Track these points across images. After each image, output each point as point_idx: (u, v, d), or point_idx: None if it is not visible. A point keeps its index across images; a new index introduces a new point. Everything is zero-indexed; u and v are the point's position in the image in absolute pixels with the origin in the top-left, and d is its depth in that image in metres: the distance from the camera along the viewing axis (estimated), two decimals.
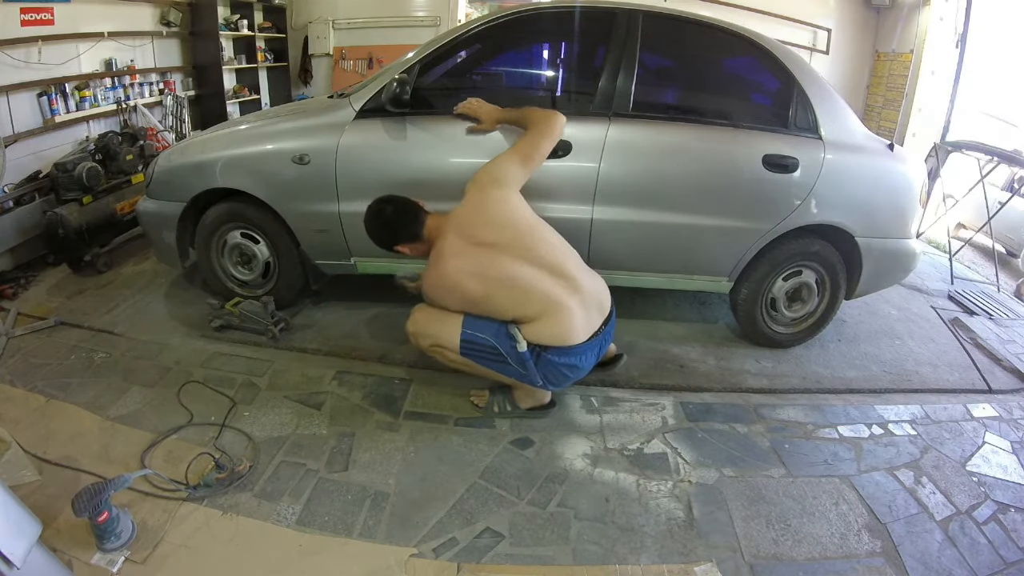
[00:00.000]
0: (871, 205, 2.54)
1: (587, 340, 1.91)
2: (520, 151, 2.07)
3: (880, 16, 6.60)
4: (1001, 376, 2.74)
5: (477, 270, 1.86)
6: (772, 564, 1.62)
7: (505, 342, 1.88)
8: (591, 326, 1.93)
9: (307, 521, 1.65)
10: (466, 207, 1.98)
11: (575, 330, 1.88)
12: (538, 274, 1.88)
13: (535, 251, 1.91)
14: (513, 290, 1.86)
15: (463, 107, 2.29)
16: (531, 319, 1.87)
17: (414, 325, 2.00)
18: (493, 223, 1.92)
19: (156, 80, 4.85)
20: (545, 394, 2.13)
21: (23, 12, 3.44)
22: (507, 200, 1.97)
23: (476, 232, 1.90)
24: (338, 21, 6.56)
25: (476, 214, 1.95)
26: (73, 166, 3.16)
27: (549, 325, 1.86)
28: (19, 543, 1.16)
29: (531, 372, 1.89)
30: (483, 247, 1.88)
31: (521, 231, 1.94)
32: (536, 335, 1.86)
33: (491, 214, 1.94)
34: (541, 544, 1.64)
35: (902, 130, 6.16)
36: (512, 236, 1.91)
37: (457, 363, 1.99)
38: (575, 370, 1.93)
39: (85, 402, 2.07)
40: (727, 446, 2.07)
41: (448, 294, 1.90)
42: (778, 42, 2.55)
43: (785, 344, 2.78)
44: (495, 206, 1.95)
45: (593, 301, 1.96)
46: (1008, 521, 1.84)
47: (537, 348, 1.87)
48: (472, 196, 1.99)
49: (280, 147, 2.43)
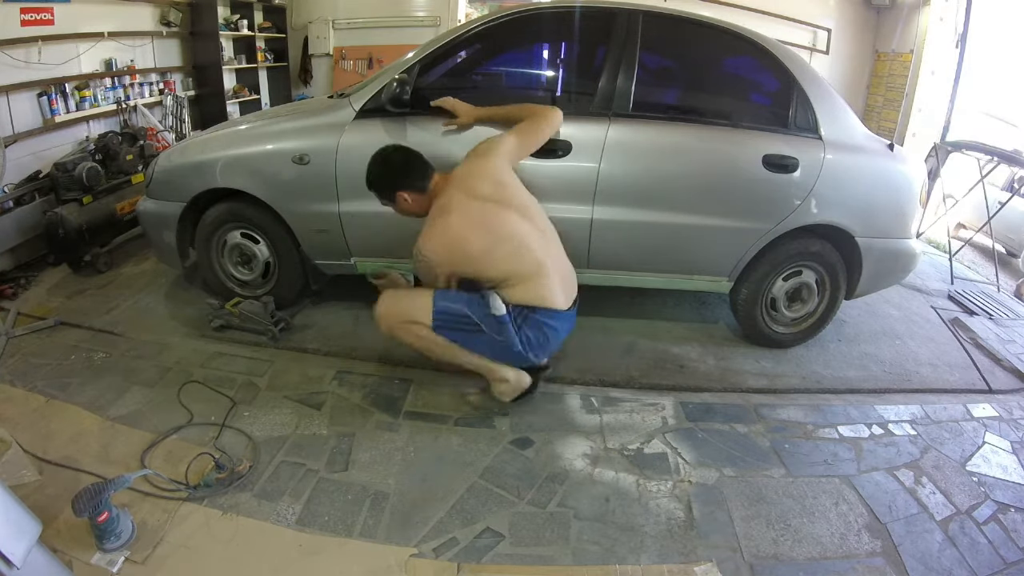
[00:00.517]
0: (871, 205, 2.54)
1: (567, 309, 2.01)
2: (520, 131, 2.13)
3: (880, 16, 6.60)
4: (1001, 376, 2.74)
5: (482, 220, 1.89)
6: (772, 564, 1.62)
7: (479, 309, 1.89)
8: (568, 300, 2.02)
9: (307, 521, 1.65)
10: (466, 167, 2.03)
11: (558, 296, 1.97)
12: (535, 234, 1.96)
13: (532, 213, 1.99)
14: (513, 243, 1.91)
15: (440, 101, 2.30)
16: (523, 278, 1.91)
17: (383, 306, 1.99)
18: (494, 179, 1.97)
19: (156, 80, 4.84)
20: (522, 377, 2.11)
21: (23, 12, 3.43)
22: (504, 165, 2.04)
23: (478, 186, 1.94)
24: (338, 21, 6.56)
25: (478, 170, 1.99)
26: (73, 166, 3.16)
27: (540, 286, 1.92)
28: (19, 543, 1.16)
29: (509, 336, 1.90)
30: (487, 201, 1.92)
31: (519, 192, 2.02)
32: (525, 295, 1.91)
33: (491, 172, 1.99)
34: (541, 544, 1.64)
35: (902, 130, 6.16)
36: (512, 193, 1.98)
37: (429, 342, 1.96)
38: (556, 334, 1.99)
39: (85, 402, 2.07)
40: (727, 446, 2.07)
41: (448, 250, 1.88)
42: (778, 42, 2.55)
43: (785, 344, 2.78)
44: (494, 167, 2.01)
45: (569, 278, 2.06)
46: (1008, 521, 1.84)
47: (524, 309, 1.91)
48: (471, 159, 2.05)
49: (280, 147, 2.43)
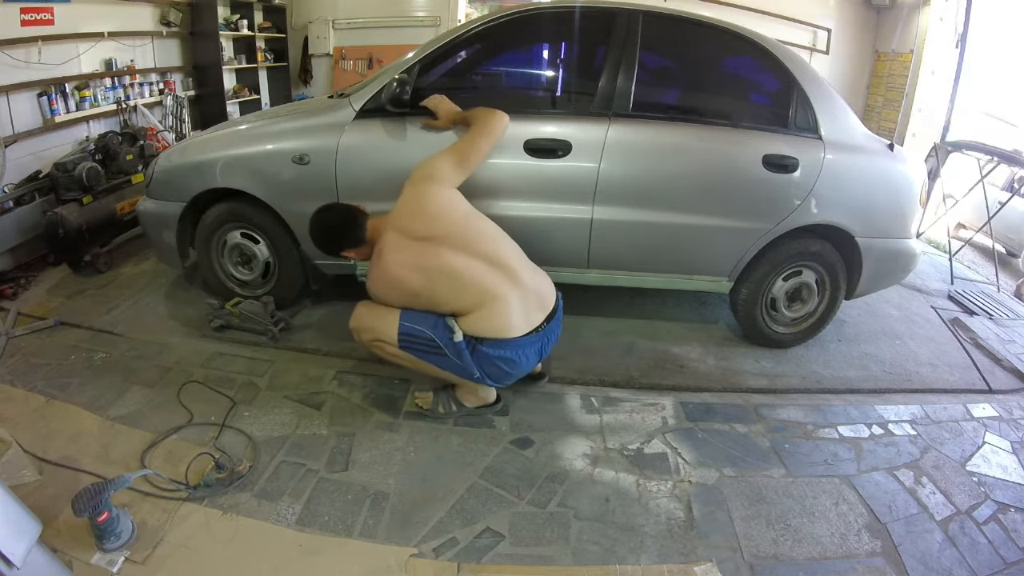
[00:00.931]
0: (871, 205, 2.54)
1: (526, 335, 1.90)
2: (457, 150, 2.08)
3: (880, 16, 6.60)
4: (1001, 376, 2.74)
5: (416, 262, 1.87)
6: (772, 564, 1.62)
7: (442, 333, 1.87)
8: (531, 321, 1.92)
9: (307, 521, 1.65)
10: (401, 204, 1.99)
11: (512, 323, 1.87)
12: (475, 264, 1.88)
13: (472, 242, 1.92)
14: (451, 280, 1.87)
15: (427, 101, 2.30)
16: (468, 310, 1.87)
17: (356, 321, 2.01)
18: (427, 215, 1.94)
19: (156, 80, 4.84)
20: (489, 392, 2.12)
21: (23, 12, 3.44)
22: (440, 195, 1.98)
23: (411, 225, 1.92)
24: (338, 21, 6.56)
25: (410, 209, 1.97)
26: (73, 166, 3.16)
27: (485, 316, 1.86)
28: (19, 543, 1.16)
29: (467, 364, 1.88)
30: (420, 240, 1.90)
31: (456, 222, 1.95)
32: (472, 327, 1.86)
33: (424, 207, 1.96)
34: (541, 544, 1.64)
35: (902, 130, 6.16)
36: (446, 228, 1.92)
37: (398, 358, 1.98)
38: (512, 364, 1.90)
39: (85, 402, 2.07)
40: (727, 446, 2.07)
41: (391, 289, 1.92)
42: (778, 42, 2.55)
43: (785, 344, 2.78)
44: (428, 200, 1.97)
45: (533, 296, 1.95)
46: (1008, 521, 1.84)
47: (473, 340, 1.87)
48: (406, 192, 2.01)
49: (280, 147, 2.43)
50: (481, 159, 2.11)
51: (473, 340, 1.87)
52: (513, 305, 1.88)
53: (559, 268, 2.56)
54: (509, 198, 2.40)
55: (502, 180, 2.39)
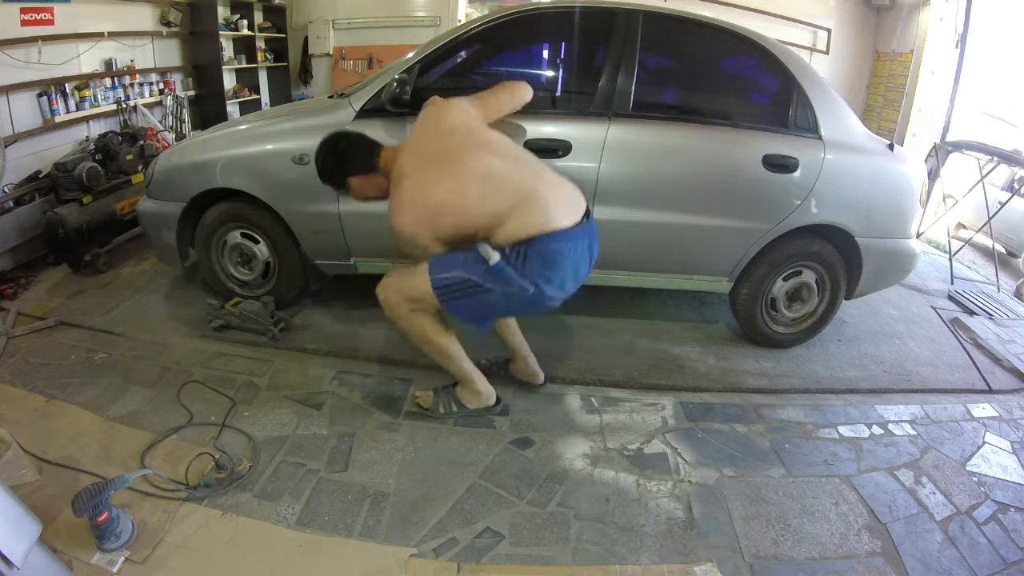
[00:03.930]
0: (871, 205, 2.54)
1: (572, 227, 1.78)
2: (477, 96, 2.01)
3: (880, 16, 6.60)
4: (1001, 376, 2.74)
5: (440, 173, 1.76)
6: (772, 564, 1.62)
7: (476, 268, 1.74)
8: (572, 214, 1.80)
9: (307, 521, 1.65)
10: (416, 128, 1.92)
11: (554, 214, 1.76)
12: (500, 162, 1.79)
13: (492, 144, 1.84)
14: (481, 181, 1.75)
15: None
16: (507, 215, 1.73)
17: (384, 290, 1.88)
18: (442, 130, 1.85)
19: (156, 80, 4.84)
20: (491, 394, 2.09)
21: (23, 12, 3.43)
22: (455, 111, 1.89)
23: (429, 143, 1.83)
24: (338, 21, 6.55)
25: (424, 129, 1.89)
26: (73, 166, 3.16)
27: (528, 213, 1.73)
28: (19, 543, 1.16)
29: (516, 283, 1.74)
30: (441, 153, 1.79)
31: (473, 131, 1.87)
32: (514, 232, 1.73)
33: (439, 123, 1.87)
34: (541, 544, 1.64)
35: (902, 130, 6.16)
36: (463, 137, 1.83)
37: (429, 333, 1.89)
38: (564, 257, 1.76)
39: (85, 402, 2.07)
40: (727, 446, 2.07)
41: (417, 211, 1.76)
42: (778, 42, 2.56)
43: (785, 344, 2.78)
44: (442, 116, 1.88)
45: (564, 193, 1.85)
46: (1008, 521, 1.84)
47: (519, 247, 1.73)
48: (421, 116, 1.94)
49: (280, 147, 2.43)
50: (501, 108, 2.02)
51: (519, 248, 1.73)
52: (550, 200, 1.77)
53: None
54: None
55: None
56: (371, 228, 2.48)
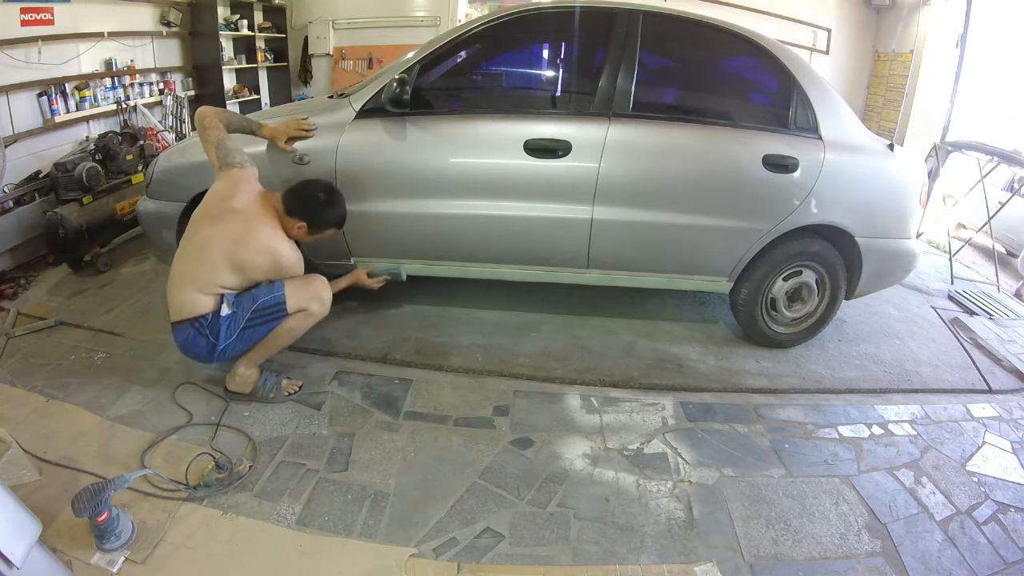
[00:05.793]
0: (871, 205, 2.54)
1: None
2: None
3: (880, 16, 6.61)
4: (1001, 376, 2.74)
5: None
6: (772, 564, 1.62)
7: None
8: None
9: (307, 521, 1.65)
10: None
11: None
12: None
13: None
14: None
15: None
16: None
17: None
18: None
19: (156, 80, 4.84)
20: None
21: (23, 12, 3.43)
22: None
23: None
24: (338, 21, 6.56)
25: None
26: (73, 166, 3.16)
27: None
28: (19, 543, 1.16)
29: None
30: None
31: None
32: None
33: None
34: (541, 544, 1.64)
35: (902, 130, 6.17)
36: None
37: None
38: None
39: (85, 402, 2.07)
40: (727, 446, 2.07)
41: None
42: (778, 42, 2.55)
43: (785, 344, 2.78)
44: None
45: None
46: (1008, 521, 1.84)
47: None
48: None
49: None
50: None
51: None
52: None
53: (559, 268, 2.57)
54: (509, 198, 2.40)
55: (502, 180, 2.39)
56: (371, 228, 2.48)
